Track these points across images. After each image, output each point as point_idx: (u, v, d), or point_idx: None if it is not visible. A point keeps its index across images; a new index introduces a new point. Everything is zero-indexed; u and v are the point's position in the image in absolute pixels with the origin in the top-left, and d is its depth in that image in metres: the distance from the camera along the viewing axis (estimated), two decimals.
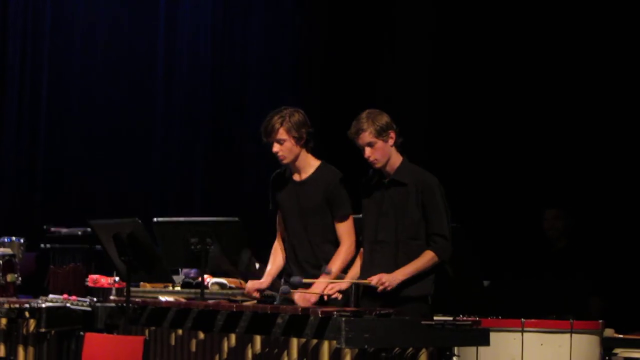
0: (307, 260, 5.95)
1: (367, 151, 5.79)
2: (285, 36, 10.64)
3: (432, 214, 5.76)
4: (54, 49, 10.72)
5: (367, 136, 5.76)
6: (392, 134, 5.79)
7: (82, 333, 6.15)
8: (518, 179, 8.77)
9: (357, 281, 5.85)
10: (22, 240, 7.86)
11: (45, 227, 8.60)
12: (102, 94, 10.70)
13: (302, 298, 5.80)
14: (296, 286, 5.69)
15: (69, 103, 10.70)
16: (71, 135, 10.64)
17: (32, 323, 6.45)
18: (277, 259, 6.11)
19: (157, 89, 10.78)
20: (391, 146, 5.81)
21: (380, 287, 5.63)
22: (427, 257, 5.71)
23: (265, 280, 6.06)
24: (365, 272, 5.85)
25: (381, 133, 5.76)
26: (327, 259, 5.88)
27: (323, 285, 5.76)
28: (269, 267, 6.12)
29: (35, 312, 6.43)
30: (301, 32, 10.55)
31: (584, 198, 8.41)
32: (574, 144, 8.61)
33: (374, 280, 5.65)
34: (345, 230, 5.92)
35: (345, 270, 5.89)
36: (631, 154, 8.33)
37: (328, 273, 5.73)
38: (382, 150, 5.78)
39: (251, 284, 6.06)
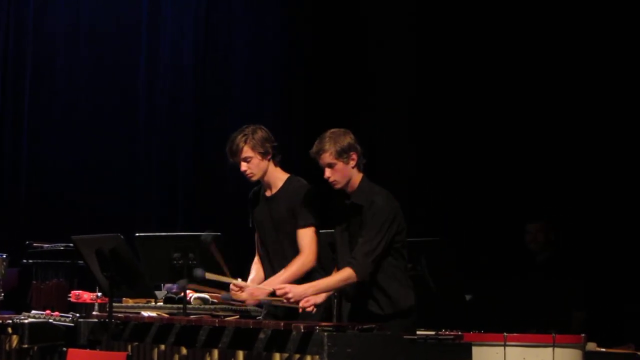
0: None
1: (327, 172, 5.69)
2: (269, 47, 10.63)
3: (365, 231, 5.63)
4: (35, 57, 10.69)
5: (327, 157, 5.66)
6: (354, 156, 5.69)
7: (64, 349, 6.13)
8: (500, 193, 8.79)
9: (270, 298, 5.73)
10: (4, 256, 7.83)
11: (27, 242, 8.57)
12: (84, 110, 10.68)
13: (250, 294, 5.81)
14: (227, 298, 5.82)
15: (51, 120, 10.67)
16: (53, 151, 10.61)
17: (14, 339, 6.43)
18: (259, 273, 6.09)
19: (139, 104, 10.76)
20: (352, 167, 5.72)
21: (283, 296, 5.57)
22: (343, 275, 5.60)
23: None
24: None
25: (342, 154, 5.65)
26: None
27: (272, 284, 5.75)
28: (251, 276, 6.10)
29: (18, 327, 6.41)
30: (286, 42, 10.56)
31: (566, 211, 8.43)
32: (555, 158, 8.64)
33: (279, 291, 5.59)
34: (304, 241, 5.84)
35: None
36: (613, 166, 8.37)
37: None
38: (341, 172, 5.68)
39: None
